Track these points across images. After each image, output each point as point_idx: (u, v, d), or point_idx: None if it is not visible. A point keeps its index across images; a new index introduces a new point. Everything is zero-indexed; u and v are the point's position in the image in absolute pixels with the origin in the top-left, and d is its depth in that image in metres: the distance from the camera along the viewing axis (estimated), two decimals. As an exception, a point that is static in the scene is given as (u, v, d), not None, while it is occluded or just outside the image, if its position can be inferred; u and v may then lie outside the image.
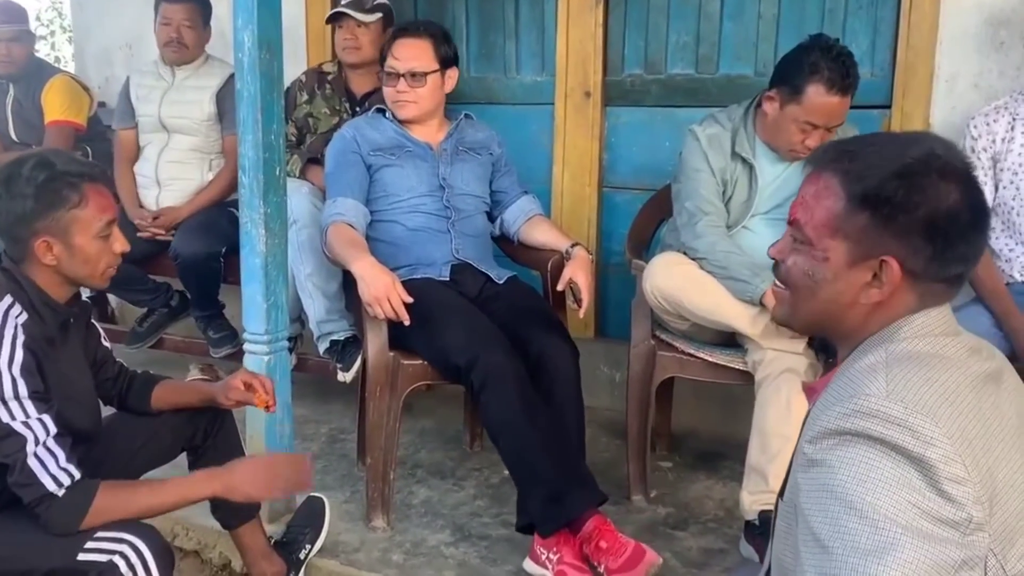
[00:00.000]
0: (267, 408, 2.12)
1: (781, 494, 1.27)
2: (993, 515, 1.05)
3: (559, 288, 2.61)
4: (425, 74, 2.68)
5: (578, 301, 2.59)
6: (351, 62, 3.24)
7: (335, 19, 3.23)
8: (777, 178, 2.59)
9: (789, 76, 2.44)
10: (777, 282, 1.32)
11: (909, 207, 1.14)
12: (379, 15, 3.19)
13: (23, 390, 1.73)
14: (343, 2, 3.22)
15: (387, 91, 2.73)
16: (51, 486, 1.72)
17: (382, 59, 2.75)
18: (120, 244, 1.90)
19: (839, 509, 1.04)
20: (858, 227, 1.17)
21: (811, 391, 1.31)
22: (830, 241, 1.20)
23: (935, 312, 1.19)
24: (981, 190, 1.18)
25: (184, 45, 3.46)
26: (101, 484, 1.77)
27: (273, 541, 2.29)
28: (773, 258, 1.31)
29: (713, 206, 2.58)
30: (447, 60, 2.73)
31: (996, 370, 1.19)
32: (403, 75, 2.68)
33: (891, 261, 1.16)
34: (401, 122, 2.77)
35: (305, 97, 3.31)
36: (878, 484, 1.03)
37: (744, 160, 2.57)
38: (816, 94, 2.39)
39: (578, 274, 2.60)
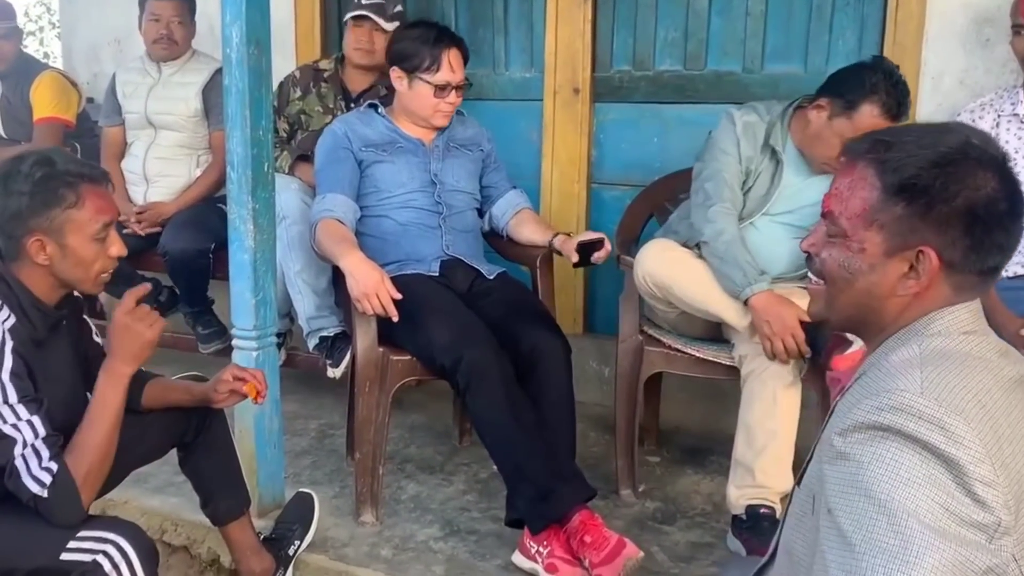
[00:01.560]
0: (256, 398, 2.10)
1: (799, 481, 1.26)
2: (1019, 520, 1.04)
3: (584, 240, 2.63)
4: (467, 84, 2.75)
5: (598, 248, 2.61)
6: (361, 63, 3.23)
7: (357, 19, 3.19)
8: (798, 184, 2.58)
9: (846, 90, 2.41)
10: (813, 277, 1.30)
11: (947, 196, 1.13)
12: (398, 23, 3.16)
13: (12, 396, 1.72)
14: (364, 2, 3.18)
15: (430, 101, 2.70)
16: (34, 488, 1.72)
17: (416, 67, 2.69)
18: (117, 248, 1.88)
19: (867, 506, 1.03)
20: (895, 217, 1.16)
21: (835, 381, 1.31)
22: (866, 232, 1.18)
23: (967, 307, 1.18)
24: (1017, 180, 1.16)
25: (174, 42, 3.47)
26: (65, 459, 1.75)
27: (262, 537, 2.29)
28: (806, 251, 1.29)
29: (732, 192, 2.56)
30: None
31: (1022, 375, 1.18)
32: (456, 87, 2.71)
33: (929, 251, 1.14)
34: (393, 118, 2.78)
35: (298, 93, 3.30)
36: (907, 483, 1.02)
37: (774, 153, 2.56)
38: (869, 114, 2.36)
39: (581, 235, 2.66)
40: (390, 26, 3.15)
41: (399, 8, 3.25)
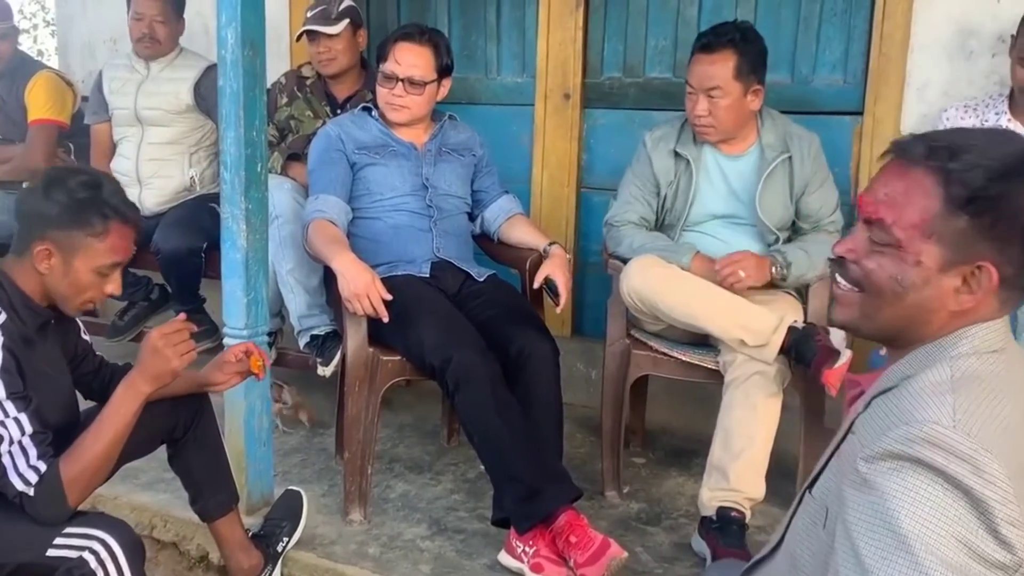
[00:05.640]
0: (260, 374, 2.10)
1: (809, 487, 1.24)
2: None
3: (535, 285, 2.65)
4: (424, 83, 2.71)
5: (556, 298, 2.63)
6: (330, 73, 3.25)
7: (307, 34, 3.20)
8: (725, 175, 2.66)
9: None
10: (841, 282, 1.23)
11: (1013, 211, 1.09)
12: (346, 21, 3.17)
13: (1, 392, 1.73)
14: (308, 16, 3.20)
15: (381, 91, 2.75)
16: (20, 485, 1.74)
17: (379, 58, 2.75)
18: (113, 287, 1.91)
19: (889, 539, 1.01)
20: (956, 230, 1.10)
21: (853, 383, 1.28)
22: (923, 244, 1.12)
23: (997, 324, 1.15)
24: None
25: (156, 40, 3.47)
26: (59, 461, 1.76)
27: (251, 534, 2.31)
28: (841, 256, 1.22)
29: (634, 210, 2.70)
30: (445, 70, 2.77)
31: None
32: (402, 80, 2.70)
33: (989, 267, 1.10)
34: (387, 122, 2.80)
35: (285, 99, 3.32)
36: (932, 519, 1.00)
37: (685, 158, 2.65)
38: (693, 59, 2.57)
39: (556, 271, 2.64)
40: (338, 28, 3.16)
41: (345, 4, 3.21)
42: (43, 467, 1.74)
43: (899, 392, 1.12)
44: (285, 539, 2.37)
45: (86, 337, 2.13)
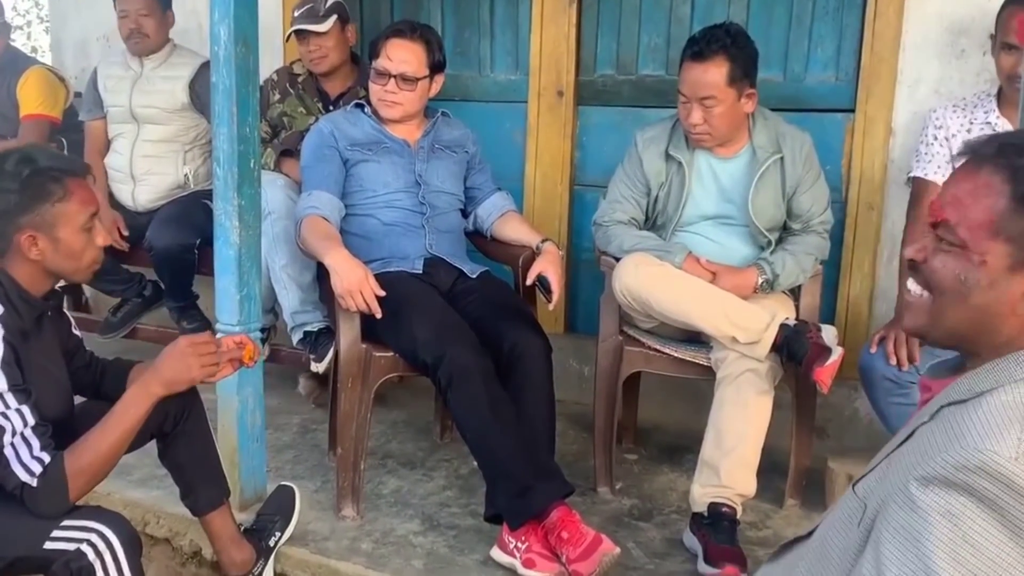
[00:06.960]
0: (249, 363, 2.12)
1: (854, 485, 1.21)
2: None
3: (528, 282, 2.65)
4: (416, 79, 2.72)
5: (548, 294, 2.64)
6: (322, 71, 3.25)
7: (297, 34, 3.20)
8: (717, 177, 2.65)
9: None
10: (911, 286, 1.20)
11: None
12: (334, 17, 3.17)
13: (2, 384, 1.74)
14: (295, 15, 3.20)
15: (374, 88, 2.75)
16: (24, 476, 1.74)
17: (372, 55, 2.76)
18: (102, 237, 1.93)
19: (915, 564, 0.98)
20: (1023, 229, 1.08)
21: (925, 387, 1.25)
22: (989, 243, 1.09)
23: None
24: None
25: (145, 35, 3.46)
26: (64, 455, 1.78)
27: (243, 528, 2.31)
28: (911, 259, 1.19)
29: (623, 210, 2.69)
30: (437, 66, 2.77)
31: None
32: (394, 76, 2.71)
33: None
34: (380, 118, 2.81)
35: (277, 96, 3.32)
36: (967, 555, 0.96)
37: (677, 160, 2.64)
38: (684, 67, 2.53)
39: (548, 268, 2.65)
40: (326, 25, 3.16)
41: (331, 0, 3.21)
42: (47, 459, 1.76)
43: (968, 409, 1.06)
44: (277, 534, 2.37)
45: (76, 332, 2.14)
